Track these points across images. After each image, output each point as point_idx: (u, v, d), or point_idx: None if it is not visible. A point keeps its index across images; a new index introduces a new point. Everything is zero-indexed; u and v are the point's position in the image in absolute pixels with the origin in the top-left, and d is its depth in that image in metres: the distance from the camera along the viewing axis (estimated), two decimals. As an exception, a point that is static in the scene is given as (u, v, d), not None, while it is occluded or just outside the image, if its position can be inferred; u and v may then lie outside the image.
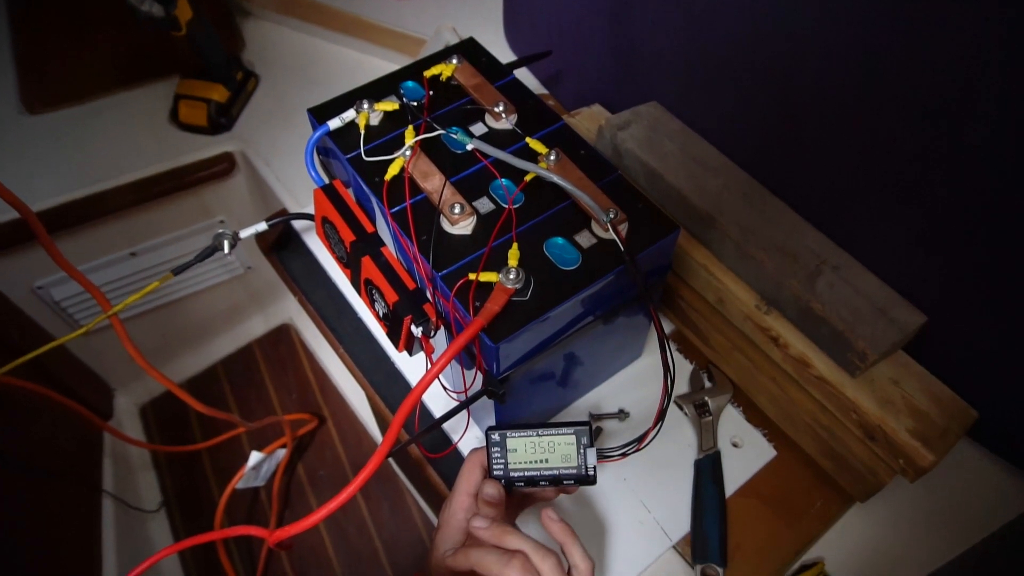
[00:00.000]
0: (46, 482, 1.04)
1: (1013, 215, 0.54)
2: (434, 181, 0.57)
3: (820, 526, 0.65)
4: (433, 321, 0.56)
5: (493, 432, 0.56)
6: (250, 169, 1.03)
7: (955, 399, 0.61)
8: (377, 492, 1.33)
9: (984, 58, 0.49)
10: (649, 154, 0.72)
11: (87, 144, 1.00)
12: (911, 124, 0.56)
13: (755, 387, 0.70)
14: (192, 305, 1.35)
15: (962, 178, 0.56)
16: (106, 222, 1.02)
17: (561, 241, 0.55)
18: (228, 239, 0.69)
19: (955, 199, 0.57)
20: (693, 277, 0.70)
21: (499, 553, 0.49)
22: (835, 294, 0.62)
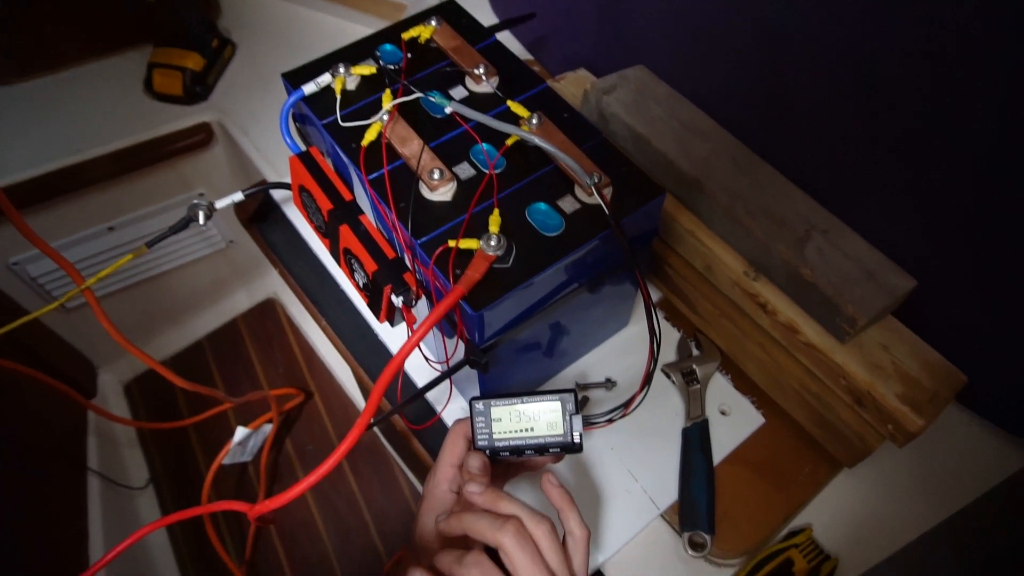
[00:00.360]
0: (29, 460, 1.02)
1: (1003, 176, 0.54)
2: (412, 146, 0.56)
3: (808, 492, 0.65)
4: (414, 290, 0.54)
5: (477, 402, 0.55)
6: (228, 139, 1.00)
7: (944, 364, 0.60)
8: (366, 466, 1.33)
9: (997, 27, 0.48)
10: (636, 119, 0.70)
11: (59, 115, 0.97)
12: (903, 79, 0.55)
13: (743, 354, 0.69)
14: (174, 280, 1.33)
15: (954, 137, 0.55)
16: (82, 196, 1.00)
17: (544, 207, 0.53)
18: (203, 210, 0.67)
19: (946, 159, 0.56)
20: (680, 244, 0.69)
21: (493, 518, 0.48)
22: (824, 259, 0.61)
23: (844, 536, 0.63)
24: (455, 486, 0.58)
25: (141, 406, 1.41)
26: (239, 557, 1.25)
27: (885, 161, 0.61)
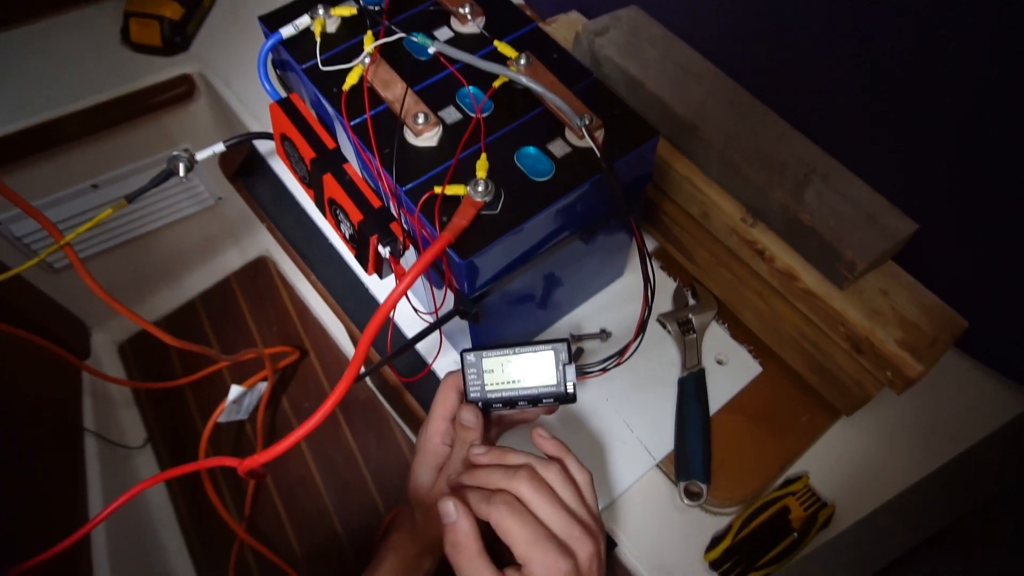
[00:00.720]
0: (25, 422, 1.02)
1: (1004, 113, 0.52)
2: (396, 90, 0.53)
3: (805, 440, 0.64)
4: (401, 240, 0.53)
5: (468, 353, 0.54)
6: (211, 92, 0.97)
7: (945, 309, 0.59)
8: (363, 422, 1.33)
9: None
10: (629, 61, 0.68)
11: (33, 69, 0.94)
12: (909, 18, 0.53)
13: (740, 303, 0.68)
14: (164, 239, 1.30)
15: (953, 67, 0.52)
16: (62, 153, 0.97)
17: (533, 151, 0.51)
18: (184, 162, 0.65)
19: (946, 92, 0.54)
20: (676, 191, 0.67)
21: (504, 469, 0.48)
22: (824, 203, 0.59)
23: (841, 483, 0.62)
24: (448, 439, 0.58)
25: (135, 366, 1.40)
26: (239, 514, 1.26)
27: (884, 95, 0.59)
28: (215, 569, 1.22)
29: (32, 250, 1.10)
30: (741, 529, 0.59)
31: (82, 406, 1.20)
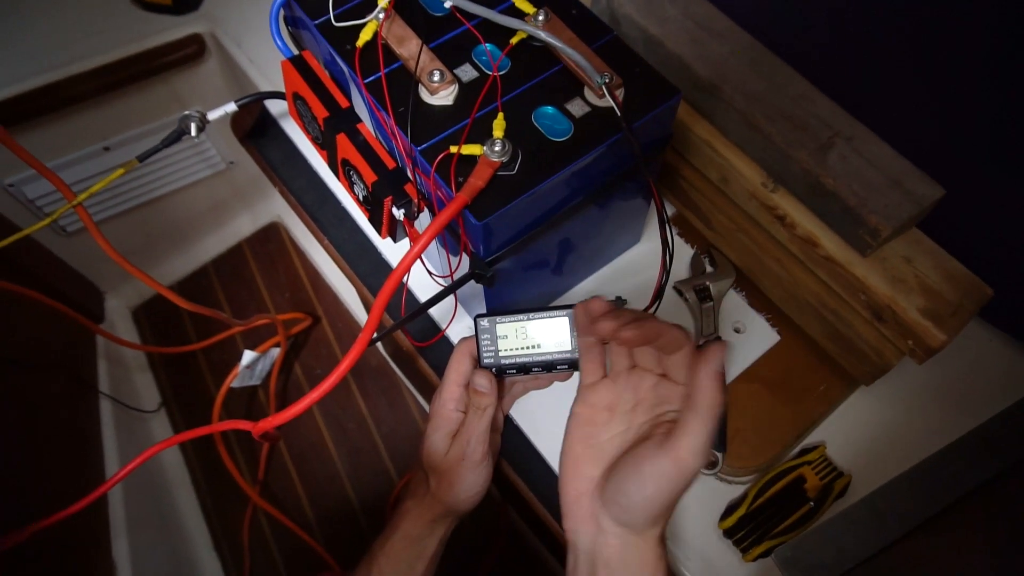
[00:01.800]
0: (42, 382, 1.03)
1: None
2: (410, 46, 0.52)
3: (822, 410, 0.64)
4: (415, 202, 0.52)
5: (482, 319, 0.53)
6: (221, 52, 0.96)
7: (969, 276, 0.57)
8: (375, 388, 1.33)
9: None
10: (648, 19, 0.66)
11: (41, 28, 0.92)
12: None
13: (759, 270, 0.67)
14: (175, 203, 1.30)
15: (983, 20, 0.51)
16: (72, 114, 0.96)
17: (551, 110, 0.50)
18: (196, 121, 0.65)
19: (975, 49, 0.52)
20: (695, 154, 0.66)
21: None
22: (847, 167, 0.57)
23: (858, 453, 0.62)
24: (462, 405, 0.57)
25: (149, 331, 1.41)
26: (252, 477, 1.27)
27: (908, 50, 0.57)
28: (229, 531, 1.24)
29: (44, 213, 1.10)
30: (756, 498, 0.59)
31: (97, 369, 1.21)
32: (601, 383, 0.49)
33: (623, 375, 0.48)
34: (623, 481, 0.44)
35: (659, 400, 0.47)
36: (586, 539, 0.47)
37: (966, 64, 0.54)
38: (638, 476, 0.43)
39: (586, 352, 0.49)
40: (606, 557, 0.45)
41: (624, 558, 0.45)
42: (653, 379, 0.47)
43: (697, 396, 0.40)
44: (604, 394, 0.49)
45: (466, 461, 0.56)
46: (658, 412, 0.47)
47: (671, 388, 0.46)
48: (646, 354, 0.47)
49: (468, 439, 0.56)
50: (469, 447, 0.56)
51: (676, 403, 0.46)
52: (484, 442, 0.57)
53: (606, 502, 0.46)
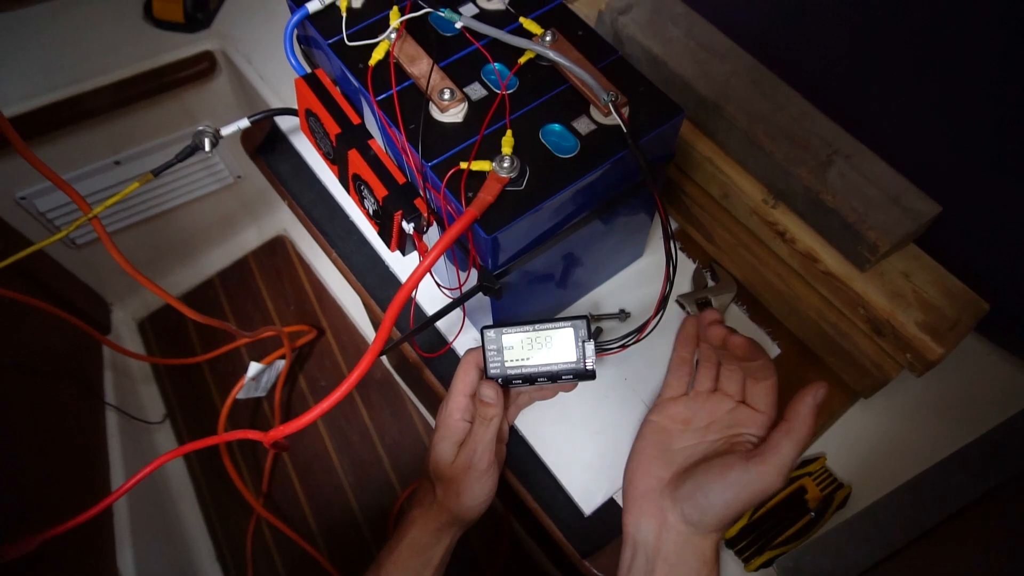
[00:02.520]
0: (49, 391, 1.04)
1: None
2: (421, 65, 0.53)
3: (823, 421, 0.64)
4: (425, 216, 0.53)
5: (489, 330, 0.55)
6: (232, 69, 0.98)
7: (966, 292, 0.59)
8: (379, 400, 1.34)
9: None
10: (652, 40, 0.67)
11: (57, 44, 0.94)
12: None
13: (760, 285, 0.68)
14: (183, 217, 1.32)
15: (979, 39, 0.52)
16: (85, 128, 0.98)
17: (558, 128, 0.51)
18: (209, 137, 0.66)
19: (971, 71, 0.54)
20: (697, 171, 0.67)
21: None
22: (847, 184, 0.59)
23: (858, 465, 0.63)
24: (468, 415, 0.58)
25: (155, 343, 1.42)
26: (256, 488, 1.28)
27: (906, 69, 0.59)
28: (232, 542, 1.25)
29: (55, 225, 1.11)
30: (758, 508, 0.60)
31: (103, 380, 1.22)
32: (682, 399, 0.57)
33: (703, 395, 0.56)
34: (708, 483, 0.50)
35: (734, 423, 0.53)
36: (649, 534, 0.52)
37: (963, 84, 0.56)
38: (723, 480, 0.49)
39: (676, 368, 0.58)
40: (667, 552, 0.50)
41: (684, 554, 0.50)
42: (731, 404, 0.54)
43: (795, 423, 0.48)
44: (682, 409, 0.56)
45: (472, 470, 0.57)
46: (731, 433, 0.53)
47: (749, 414, 0.52)
48: (731, 381, 0.54)
49: (474, 448, 0.57)
50: (475, 456, 0.57)
51: (753, 428, 0.52)
52: (490, 451, 0.58)
53: (680, 499, 0.51)
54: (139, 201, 1.21)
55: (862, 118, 0.62)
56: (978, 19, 0.51)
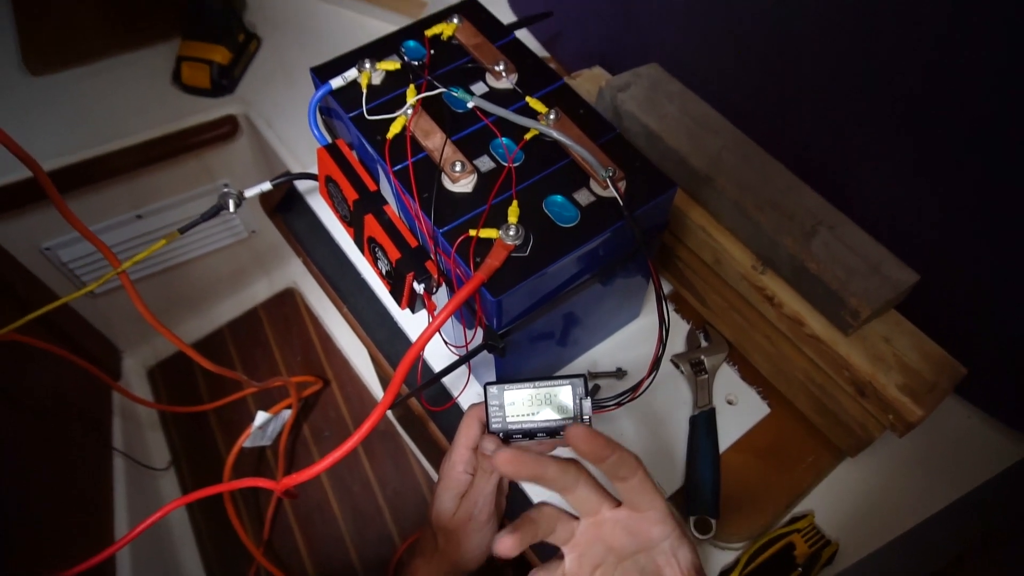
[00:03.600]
0: (60, 436, 1.06)
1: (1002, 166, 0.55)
2: (435, 139, 0.58)
3: (811, 479, 0.67)
4: (435, 278, 0.57)
5: (491, 386, 0.57)
6: (253, 131, 1.03)
7: (944, 356, 0.62)
8: (381, 450, 1.36)
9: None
10: (649, 115, 0.72)
11: (89, 106, 1.00)
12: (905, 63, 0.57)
13: (750, 346, 0.72)
14: (197, 269, 1.36)
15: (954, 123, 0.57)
16: (110, 184, 1.03)
17: (560, 199, 0.55)
18: (233, 198, 0.70)
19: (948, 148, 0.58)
20: (691, 237, 0.71)
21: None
22: (830, 253, 0.63)
23: (845, 522, 0.65)
24: (470, 468, 0.61)
25: (163, 390, 1.45)
26: (256, 536, 1.29)
27: (888, 148, 0.63)
28: (232, 590, 1.25)
29: (76, 275, 1.16)
30: (748, 563, 0.62)
31: (112, 426, 1.24)
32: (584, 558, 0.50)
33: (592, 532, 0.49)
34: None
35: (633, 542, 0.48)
36: None
37: (938, 159, 0.60)
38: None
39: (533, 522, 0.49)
40: None
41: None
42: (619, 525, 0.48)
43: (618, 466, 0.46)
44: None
45: (473, 521, 0.60)
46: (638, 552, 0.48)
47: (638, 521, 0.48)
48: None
49: (475, 500, 0.60)
50: (476, 508, 0.59)
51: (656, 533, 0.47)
52: (491, 503, 0.60)
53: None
54: (157, 253, 1.26)
55: (845, 190, 0.67)
56: (950, 98, 0.56)
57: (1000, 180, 0.56)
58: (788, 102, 0.69)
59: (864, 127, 0.63)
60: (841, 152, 0.67)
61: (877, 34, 0.58)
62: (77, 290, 0.70)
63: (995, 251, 0.61)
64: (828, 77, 0.63)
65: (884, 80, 0.59)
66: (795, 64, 0.65)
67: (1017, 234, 0.58)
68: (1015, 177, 0.55)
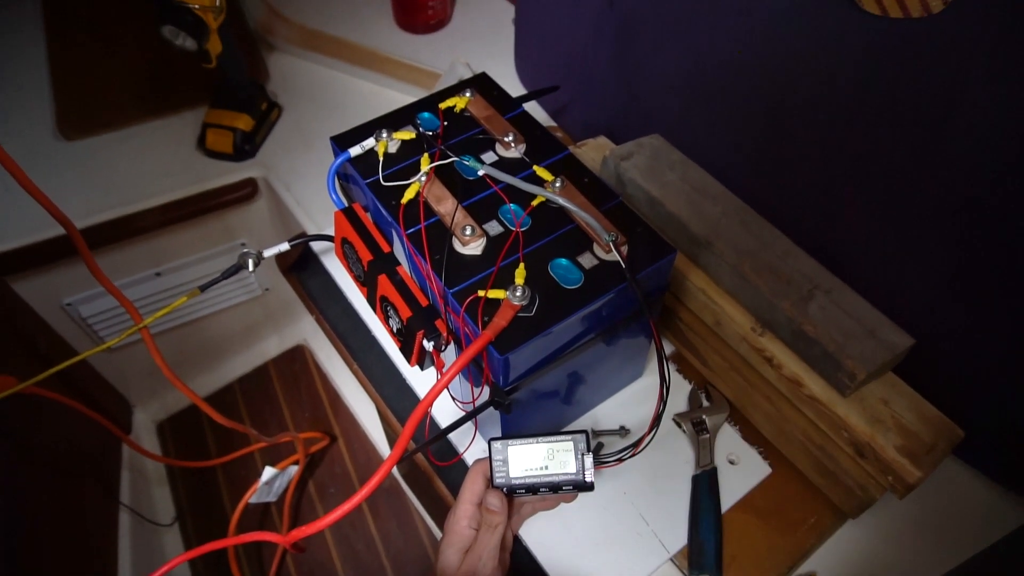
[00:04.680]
0: (70, 486, 1.07)
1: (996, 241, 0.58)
2: (447, 205, 0.61)
3: (813, 540, 0.67)
4: (444, 336, 0.59)
5: (495, 442, 0.59)
6: (271, 193, 1.08)
7: (942, 418, 0.63)
8: (386, 509, 1.36)
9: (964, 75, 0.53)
10: (651, 183, 0.76)
11: (118, 169, 1.05)
12: (897, 141, 0.60)
13: (751, 406, 0.73)
14: (211, 325, 1.39)
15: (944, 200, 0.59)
16: (134, 243, 1.07)
17: (565, 262, 0.58)
18: (253, 258, 0.73)
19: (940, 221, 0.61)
20: (692, 300, 0.74)
21: None
22: (827, 316, 0.65)
23: (848, 584, 0.65)
24: (475, 523, 0.62)
25: (172, 445, 1.46)
26: (258, 597, 1.28)
27: (879, 216, 0.66)
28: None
29: (94, 331, 1.19)
30: (751, 624, 0.62)
31: (120, 480, 1.25)
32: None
33: None
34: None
35: None
36: None
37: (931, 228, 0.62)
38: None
39: None
40: None
41: None
42: None
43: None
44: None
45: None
46: None
47: None
48: None
49: (479, 555, 0.60)
50: (480, 562, 0.60)
51: None
52: (494, 558, 0.61)
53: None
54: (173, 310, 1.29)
55: (840, 256, 0.69)
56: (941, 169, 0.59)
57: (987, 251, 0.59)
58: (784, 172, 0.72)
59: (857, 196, 0.66)
60: (835, 219, 0.70)
61: (865, 113, 0.61)
62: (94, 344, 0.73)
63: (986, 318, 0.63)
64: (820, 149, 0.67)
65: (872, 154, 0.63)
66: (789, 136, 0.69)
67: (1007, 301, 0.60)
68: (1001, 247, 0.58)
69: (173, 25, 0.88)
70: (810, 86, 0.64)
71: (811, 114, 0.66)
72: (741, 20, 0.67)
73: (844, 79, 0.61)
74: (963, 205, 0.58)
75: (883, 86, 0.58)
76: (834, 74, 0.62)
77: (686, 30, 0.74)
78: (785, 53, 0.65)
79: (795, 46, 0.63)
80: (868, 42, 0.57)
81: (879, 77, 0.58)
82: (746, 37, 0.68)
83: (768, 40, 0.66)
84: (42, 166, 1.04)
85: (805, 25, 0.62)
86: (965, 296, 0.63)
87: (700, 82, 0.76)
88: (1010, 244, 0.57)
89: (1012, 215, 0.55)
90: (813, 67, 0.63)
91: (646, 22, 0.78)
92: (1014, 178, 0.54)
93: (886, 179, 0.63)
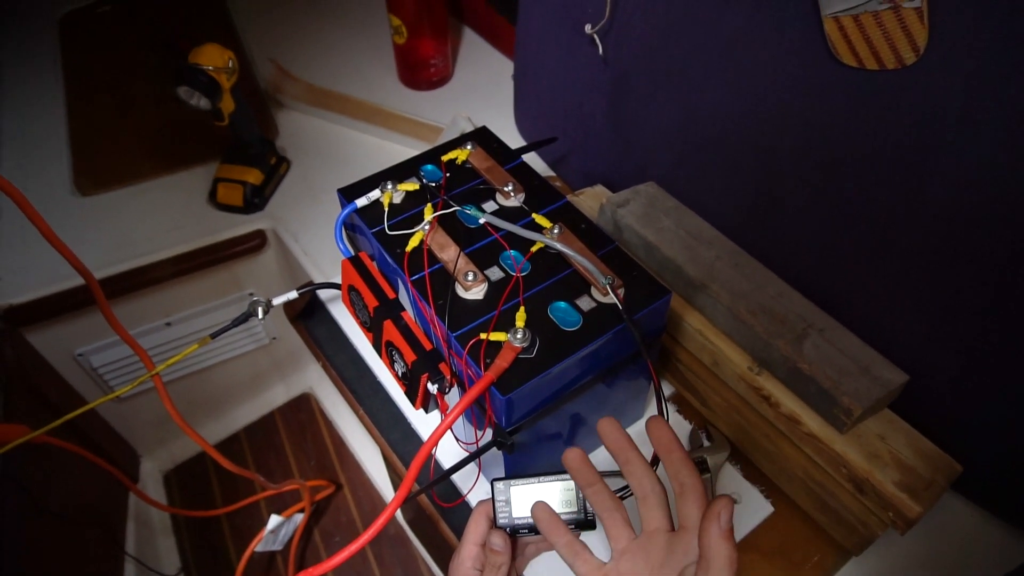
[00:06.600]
0: (76, 535, 1.07)
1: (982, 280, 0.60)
2: (450, 252, 0.64)
3: (817, 580, 0.68)
4: (448, 378, 0.61)
5: (498, 482, 0.60)
6: (279, 244, 1.11)
7: (939, 453, 0.64)
8: (390, 556, 1.35)
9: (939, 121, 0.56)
10: (647, 229, 0.79)
11: (132, 222, 1.09)
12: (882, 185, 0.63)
13: (751, 445, 0.74)
14: (218, 374, 1.41)
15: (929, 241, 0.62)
16: (145, 294, 1.10)
17: (564, 305, 0.60)
18: (262, 306, 0.76)
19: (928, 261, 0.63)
20: (690, 341, 0.75)
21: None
22: (821, 354, 0.67)
23: (853, 623, 0.65)
24: (479, 564, 0.63)
25: (178, 495, 1.46)
26: (263, 649, 1.26)
27: (869, 258, 0.68)
28: None
29: (104, 380, 1.20)
30: (757, 664, 0.62)
31: (126, 530, 1.25)
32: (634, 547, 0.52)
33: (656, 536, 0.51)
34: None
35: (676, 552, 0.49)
36: None
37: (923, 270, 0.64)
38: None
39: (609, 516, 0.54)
40: None
41: None
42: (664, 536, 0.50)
43: (709, 555, 0.44)
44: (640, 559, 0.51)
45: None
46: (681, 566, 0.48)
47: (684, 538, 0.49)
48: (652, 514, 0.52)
49: None
50: None
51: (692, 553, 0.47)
52: (500, 600, 0.61)
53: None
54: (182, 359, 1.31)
55: (832, 295, 0.71)
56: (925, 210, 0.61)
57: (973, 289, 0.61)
58: (776, 216, 0.75)
59: (847, 238, 0.69)
60: (827, 260, 0.72)
61: (851, 159, 0.64)
62: (104, 394, 0.75)
63: (978, 353, 0.64)
64: (810, 195, 0.69)
65: (860, 198, 0.65)
66: (780, 183, 0.72)
67: (1000, 336, 0.61)
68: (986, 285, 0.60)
69: (189, 86, 0.93)
70: (798, 135, 0.67)
71: (800, 161, 0.68)
72: (729, 75, 0.71)
73: (829, 128, 0.64)
74: (948, 245, 0.60)
75: (866, 134, 0.61)
76: (820, 123, 0.65)
77: (677, 84, 0.77)
78: (772, 104, 0.68)
79: (782, 98, 0.67)
80: (850, 92, 0.61)
81: (862, 125, 0.61)
82: (734, 90, 0.71)
83: (756, 93, 0.69)
84: (59, 220, 1.07)
85: (790, 78, 0.65)
86: (957, 332, 0.65)
87: (692, 132, 0.79)
88: (996, 281, 0.59)
89: (995, 253, 0.57)
90: (800, 117, 0.66)
91: (639, 76, 0.82)
92: (990, 218, 0.56)
93: (874, 222, 0.65)
